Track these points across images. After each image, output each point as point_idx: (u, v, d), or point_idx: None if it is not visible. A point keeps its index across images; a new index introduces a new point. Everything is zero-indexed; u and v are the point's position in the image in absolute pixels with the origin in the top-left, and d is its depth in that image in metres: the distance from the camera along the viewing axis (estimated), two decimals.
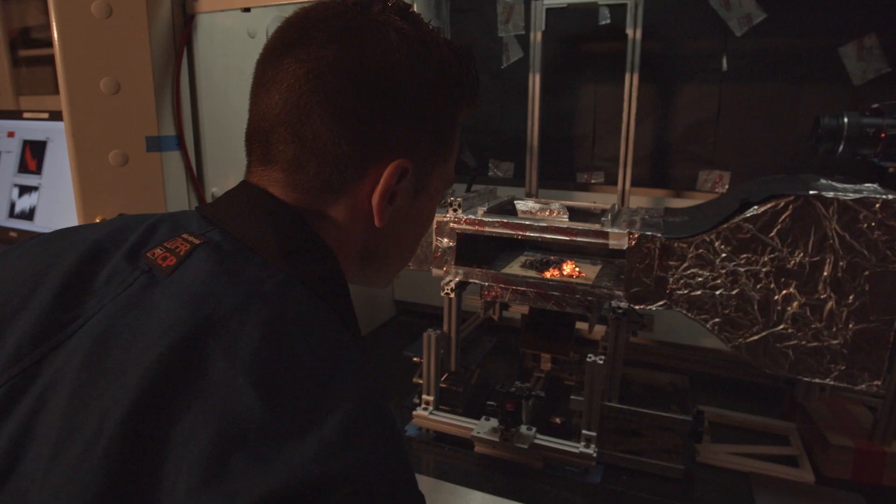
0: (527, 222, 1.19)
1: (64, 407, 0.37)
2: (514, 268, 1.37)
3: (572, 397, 1.19)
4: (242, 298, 0.42)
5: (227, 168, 1.28)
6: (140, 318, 0.40)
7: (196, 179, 1.20)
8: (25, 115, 1.51)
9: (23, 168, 1.49)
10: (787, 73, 1.42)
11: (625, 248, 1.10)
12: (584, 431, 1.16)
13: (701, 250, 1.05)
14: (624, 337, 1.14)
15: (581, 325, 1.49)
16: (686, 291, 1.07)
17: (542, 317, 1.45)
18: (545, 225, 1.17)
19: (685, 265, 1.07)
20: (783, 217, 0.98)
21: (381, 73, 0.50)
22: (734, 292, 1.04)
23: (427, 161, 0.56)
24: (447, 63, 0.54)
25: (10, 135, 1.53)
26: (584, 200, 1.53)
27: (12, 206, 1.50)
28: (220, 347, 0.38)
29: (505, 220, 1.21)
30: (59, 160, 1.41)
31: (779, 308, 1.01)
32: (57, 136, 1.41)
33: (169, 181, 1.15)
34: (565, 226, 1.16)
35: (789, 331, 1.01)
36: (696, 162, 1.55)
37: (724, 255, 1.03)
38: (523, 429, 1.19)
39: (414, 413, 1.31)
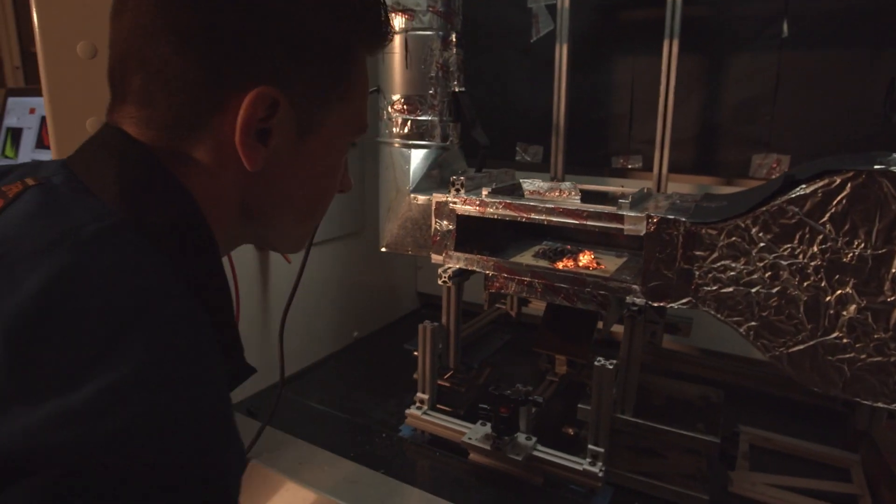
0: (532, 203, 1.05)
1: None
2: (527, 257, 1.23)
3: (580, 406, 1.03)
4: (44, 244, 0.37)
5: None
6: None
7: None
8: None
9: (39, 144, 1.51)
10: (861, 37, 1.19)
11: (642, 234, 0.94)
12: (590, 446, 1.01)
13: (734, 238, 0.87)
14: (640, 339, 0.97)
15: (616, 327, 1.33)
16: (715, 288, 0.90)
17: (561, 314, 1.30)
18: (552, 206, 1.02)
19: (714, 256, 0.89)
20: (839, 198, 0.79)
21: None
22: (775, 290, 0.85)
23: (313, 97, 0.47)
24: None
25: (32, 111, 1.55)
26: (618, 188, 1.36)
27: None
28: None
29: (507, 201, 1.07)
30: None
31: (831, 312, 0.82)
32: None
33: None
34: (574, 208, 1.01)
35: (844, 341, 0.82)
36: (749, 144, 1.35)
37: (762, 244, 0.85)
38: (521, 438, 1.05)
39: (407, 412, 1.20)
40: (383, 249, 1.29)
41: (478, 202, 1.10)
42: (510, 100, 1.66)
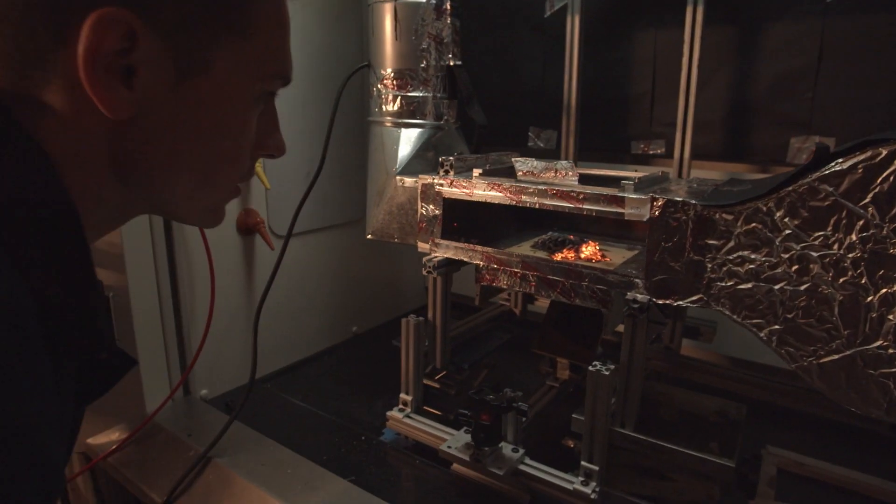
0: (523, 185, 0.93)
1: None
2: (525, 248, 1.10)
3: (574, 416, 0.91)
4: None
5: None
6: None
7: None
8: None
9: None
10: None
11: (645, 218, 0.81)
12: (583, 463, 0.88)
13: (754, 224, 0.73)
14: (642, 341, 0.84)
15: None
16: (731, 283, 0.76)
17: (567, 313, 1.17)
18: (544, 188, 0.90)
19: (730, 245, 0.75)
20: (886, 174, 0.64)
21: None
22: (803, 288, 0.71)
23: (191, 27, 0.38)
24: None
25: None
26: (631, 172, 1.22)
27: None
28: None
29: (496, 182, 0.95)
30: None
31: (874, 315, 0.67)
32: None
33: None
34: (569, 189, 0.88)
35: (890, 351, 0.67)
36: (786, 126, 1.18)
37: (788, 231, 0.71)
38: (507, 449, 0.93)
39: (389, 414, 1.10)
40: (369, 237, 1.19)
41: (465, 184, 0.99)
42: (522, 80, 1.53)
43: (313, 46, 1.35)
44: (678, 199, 0.78)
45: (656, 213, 0.79)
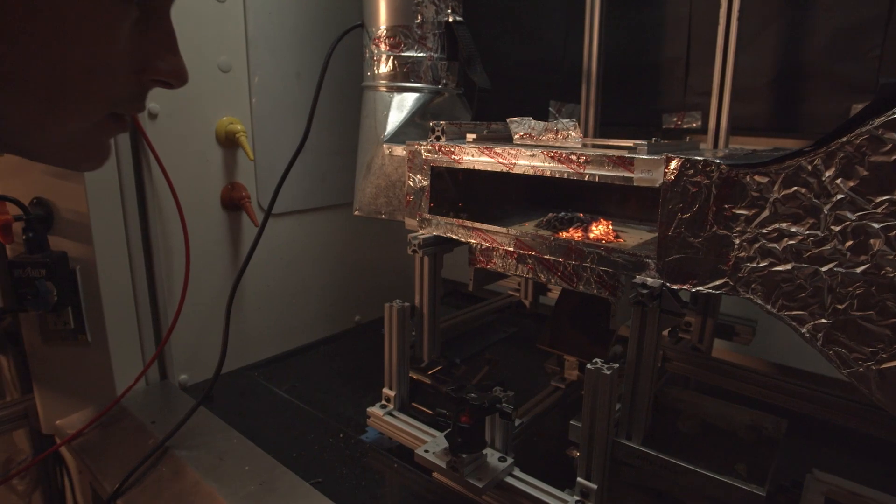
0: (517, 149, 0.79)
1: None
2: (528, 228, 0.96)
3: (571, 423, 0.77)
4: None
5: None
6: None
7: None
8: None
9: None
10: None
11: (658, 183, 0.66)
12: (579, 479, 0.74)
13: (795, 188, 0.57)
14: (653, 335, 0.69)
15: None
16: (764, 264, 0.60)
17: (580, 304, 1.03)
18: (539, 151, 0.76)
19: (764, 216, 0.60)
20: None
21: None
22: (860, 270, 0.55)
23: None
24: None
25: None
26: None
27: None
28: None
29: (486, 147, 0.82)
30: None
31: None
32: None
33: None
34: (567, 151, 0.74)
35: None
36: (847, 91, 0.99)
37: (840, 196, 0.55)
38: (493, 458, 0.80)
39: (370, 410, 0.98)
40: (356, 213, 1.08)
41: (454, 150, 0.86)
42: (541, 50, 1.39)
43: (307, 10, 1.25)
44: (698, 157, 0.62)
45: (671, 176, 0.64)
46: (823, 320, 0.58)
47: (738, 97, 1.02)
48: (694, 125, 1.21)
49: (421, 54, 1.01)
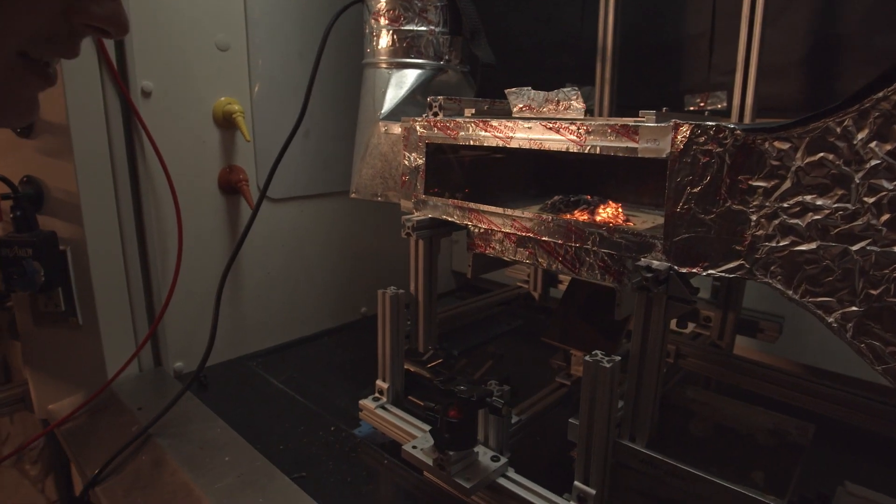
0: (515, 122, 0.73)
1: None
2: (532, 210, 0.90)
3: (570, 421, 0.70)
4: None
5: (166, 53, 1.01)
6: None
7: (116, 71, 0.96)
8: None
9: None
10: None
11: (665, 154, 0.59)
12: (576, 482, 0.67)
13: (822, 154, 0.50)
14: (659, 323, 0.62)
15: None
16: (785, 243, 0.53)
17: (587, 295, 0.96)
18: (536, 123, 0.70)
19: (786, 187, 0.52)
20: None
21: None
22: None
23: None
24: None
25: None
26: None
27: None
28: None
29: (482, 121, 0.76)
30: None
31: None
32: None
33: (72, 77, 0.92)
34: (567, 121, 0.67)
35: None
36: (888, 65, 0.90)
37: (875, 161, 0.47)
38: (484, 457, 0.74)
39: (361, 403, 0.93)
40: (353, 196, 1.03)
41: (449, 125, 0.80)
42: (557, 31, 1.32)
43: None
44: (710, 123, 0.55)
45: (680, 145, 0.57)
46: (854, 308, 0.50)
47: (765, 75, 0.93)
48: (719, 106, 1.12)
49: (421, 28, 0.96)
